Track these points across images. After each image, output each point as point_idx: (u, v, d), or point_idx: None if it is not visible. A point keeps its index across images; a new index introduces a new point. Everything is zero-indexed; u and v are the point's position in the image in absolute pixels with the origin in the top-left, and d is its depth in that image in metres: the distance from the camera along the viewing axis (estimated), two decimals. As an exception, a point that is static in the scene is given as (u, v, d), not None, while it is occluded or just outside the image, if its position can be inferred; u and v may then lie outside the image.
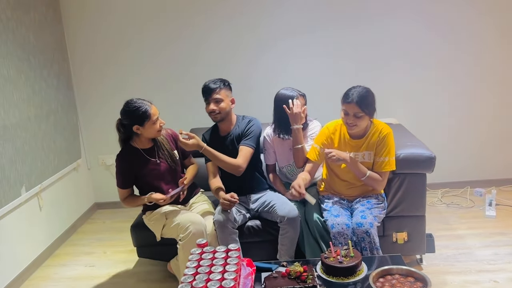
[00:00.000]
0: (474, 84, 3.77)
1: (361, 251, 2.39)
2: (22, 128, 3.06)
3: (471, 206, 3.61)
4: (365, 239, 2.37)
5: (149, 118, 2.52)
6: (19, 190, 2.99)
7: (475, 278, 2.62)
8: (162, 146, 2.71)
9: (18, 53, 3.06)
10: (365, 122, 2.45)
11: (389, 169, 2.50)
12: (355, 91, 2.40)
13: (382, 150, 2.48)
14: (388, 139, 2.48)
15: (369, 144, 2.51)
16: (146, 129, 2.56)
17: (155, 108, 2.58)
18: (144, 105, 2.53)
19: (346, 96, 2.42)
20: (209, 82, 2.67)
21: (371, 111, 2.43)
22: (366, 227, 2.36)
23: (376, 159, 2.50)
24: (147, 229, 2.70)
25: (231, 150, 2.72)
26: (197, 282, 1.81)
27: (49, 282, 3.00)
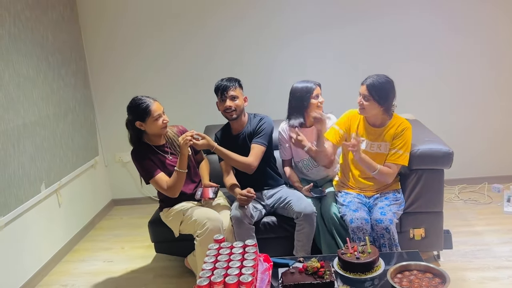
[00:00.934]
0: (491, 79, 3.72)
1: (379, 247, 2.39)
2: (41, 126, 3.11)
3: (489, 202, 3.57)
4: (385, 235, 2.37)
5: (150, 115, 2.52)
6: (39, 187, 3.05)
7: (494, 275, 2.60)
8: (174, 143, 2.73)
9: (37, 53, 3.12)
10: (373, 108, 2.48)
11: (401, 162, 2.51)
12: (373, 75, 2.49)
13: (399, 142, 2.50)
14: (406, 133, 2.50)
15: (386, 135, 2.54)
16: (148, 125, 2.56)
17: (158, 105, 2.57)
18: (145, 102, 2.53)
19: (364, 80, 2.51)
20: (223, 80, 2.69)
21: (381, 99, 2.45)
22: (386, 223, 2.36)
23: (391, 150, 2.52)
24: (164, 225, 2.73)
25: (243, 149, 2.73)
26: (215, 276, 1.83)
27: (69, 277, 3.06)
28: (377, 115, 2.53)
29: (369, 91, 2.44)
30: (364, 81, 2.49)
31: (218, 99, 2.71)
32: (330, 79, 3.71)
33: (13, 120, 2.81)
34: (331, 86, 3.59)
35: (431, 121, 3.50)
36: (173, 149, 2.72)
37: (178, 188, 2.57)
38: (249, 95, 2.79)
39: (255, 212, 2.65)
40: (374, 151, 2.57)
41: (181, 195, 2.67)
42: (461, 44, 3.66)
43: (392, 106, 2.54)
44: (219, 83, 2.70)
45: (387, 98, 2.48)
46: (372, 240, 2.40)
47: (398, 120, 2.56)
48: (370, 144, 2.57)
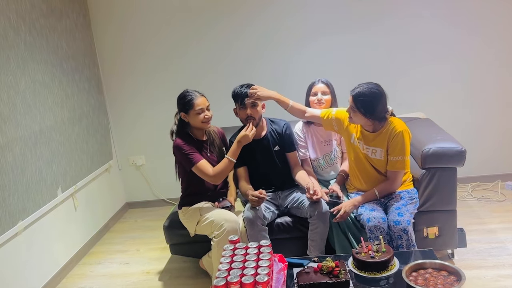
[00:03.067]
0: (503, 77, 3.70)
1: (397, 248, 2.38)
2: (57, 131, 3.17)
3: (503, 200, 3.55)
4: (403, 237, 2.36)
5: (192, 108, 2.60)
6: (55, 191, 3.11)
7: (509, 272, 2.59)
8: (215, 141, 2.80)
9: (51, 59, 3.18)
10: (359, 119, 2.46)
11: (399, 168, 2.49)
12: (363, 84, 2.43)
13: (395, 149, 2.46)
14: (400, 138, 2.44)
15: (379, 141, 2.50)
16: (191, 118, 2.64)
17: (203, 100, 2.64)
18: (191, 95, 2.63)
19: (354, 87, 2.46)
20: (242, 87, 2.70)
21: (367, 112, 2.41)
22: (404, 225, 2.35)
23: (390, 158, 2.50)
24: (180, 227, 2.77)
25: (265, 153, 2.79)
26: (231, 277, 1.86)
27: (86, 280, 3.11)
28: (366, 124, 2.50)
29: (355, 103, 2.41)
30: (352, 91, 2.44)
31: (237, 106, 2.73)
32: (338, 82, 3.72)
33: (30, 126, 2.87)
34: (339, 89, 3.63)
35: (443, 119, 3.50)
36: (212, 148, 2.78)
37: (223, 175, 2.65)
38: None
39: (268, 213, 2.67)
40: (370, 155, 2.56)
41: (202, 194, 2.73)
42: (474, 43, 3.65)
43: (385, 113, 2.47)
44: (238, 90, 2.70)
45: (373, 111, 2.41)
46: (389, 240, 2.41)
47: (391, 125, 2.48)
48: (365, 148, 2.57)
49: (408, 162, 2.53)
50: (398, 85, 3.77)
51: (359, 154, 2.61)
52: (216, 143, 2.81)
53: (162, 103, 3.96)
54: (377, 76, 3.48)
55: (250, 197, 2.59)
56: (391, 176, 2.54)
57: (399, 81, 3.76)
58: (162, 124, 4.02)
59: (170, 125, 2.75)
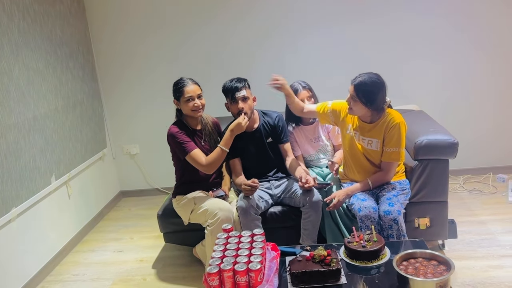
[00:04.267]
0: (496, 70, 3.72)
1: (387, 237, 2.41)
2: (50, 119, 3.16)
3: (494, 192, 3.60)
4: (393, 226, 2.39)
5: (182, 95, 2.62)
6: (49, 178, 3.10)
7: (498, 263, 2.63)
8: (211, 133, 2.81)
9: (45, 46, 3.16)
10: (360, 109, 2.44)
11: (394, 160, 2.51)
12: (364, 74, 2.42)
13: (391, 140, 2.47)
14: (396, 129, 2.46)
15: (376, 132, 2.51)
16: (182, 105, 2.66)
17: (195, 88, 2.64)
18: (183, 82, 2.65)
19: (355, 77, 2.45)
20: (232, 81, 2.69)
21: (368, 101, 2.40)
22: (394, 215, 2.38)
23: (385, 149, 2.51)
24: (174, 215, 2.78)
25: (259, 146, 2.81)
26: (224, 264, 1.88)
27: (80, 267, 3.12)
28: (366, 114, 2.50)
29: (356, 92, 2.40)
30: (353, 80, 2.43)
31: (228, 100, 2.72)
32: (334, 75, 3.74)
33: (24, 113, 2.86)
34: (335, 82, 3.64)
35: (437, 112, 3.53)
36: (207, 137, 2.78)
37: (216, 165, 2.65)
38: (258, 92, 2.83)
39: (262, 202, 2.68)
40: (366, 146, 2.57)
41: (196, 183, 2.74)
42: (468, 36, 3.66)
43: (384, 104, 2.48)
44: (228, 84, 2.69)
45: (374, 100, 2.41)
46: (380, 229, 2.44)
47: (388, 116, 2.49)
48: (361, 139, 2.57)
49: (403, 153, 2.55)
50: (392, 77, 3.69)
51: (354, 145, 2.62)
52: (211, 133, 2.81)
53: (157, 92, 3.95)
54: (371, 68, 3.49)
55: (243, 186, 2.61)
56: (385, 167, 2.55)
57: (393, 73, 3.75)
58: (157, 113, 4.04)
59: (165, 114, 2.77)
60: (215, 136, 2.82)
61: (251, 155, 2.82)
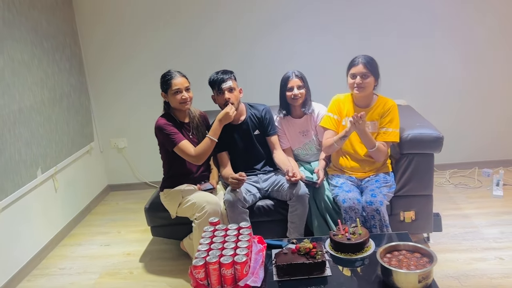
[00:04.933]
0: (484, 66, 3.76)
1: (370, 228, 2.45)
2: (36, 112, 3.13)
3: (479, 186, 3.64)
4: (375, 217, 2.43)
5: (170, 87, 2.60)
6: (35, 172, 3.08)
7: (481, 256, 2.67)
8: (199, 127, 2.79)
9: (31, 37, 3.12)
10: (371, 84, 2.58)
11: (392, 139, 2.60)
12: (361, 56, 2.59)
13: (387, 120, 2.59)
14: (392, 111, 2.60)
15: (373, 115, 2.63)
16: (169, 98, 2.65)
17: (183, 81, 2.63)
18: (171, 74, 2.63)
19: (353, 61, 2.60)
20: (218, 73, 2.69)
21: (376, 73, 2.58)
22: (376, 205, 2.42)
23: (381, 129, 2.61)
24: (161, 209, 2.77)
25: (246, 138, 2.81)
26: (210, 257, 1.89)
27: (66, 260, 3.11)
28: (371, 91, 2.63)
29: (367, 67, 2.54)
30: (355, 62, 2.57)
31: (214, 92, 2.72)
32: (323, 63, 3.75)
33: (9, 106, 2.82)
34: (324, 70, 3.65)
35: (423, 107, 3.56)
36: (195, 131, 2.77)
37: (205, 155, 2.63)
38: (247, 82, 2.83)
39: (249, 196, 2.69)
40: None
41: (184, 176, 2.73)
42: (456, 30, 3.69)
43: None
44: (214, 76, 2.70)
45: (378, 72, 2.61)
46: (363, 221, 2.47)
47: (383, 99, 2.66)
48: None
49: (398, 134, 2.62)
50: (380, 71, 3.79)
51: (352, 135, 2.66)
52: (199, 126, 2.80)
53: (145, 84, 3.93)
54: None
55: (230, 179, 2.62)
56: (380, 147, 2.56)
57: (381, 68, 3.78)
58: (145, 106, 4.01)
59: (153, 107, 2.74)
60: (202, 129, 2.81)
61: (238, 148, 2.82)
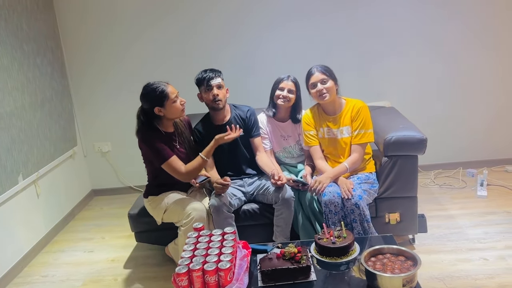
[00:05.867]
0: (465, 68, 3.79)
1: (351, 223, 2.46)
2: (17, 117, 3.07)
3: (463, 186, 3.67)
4: (355, 211, 2.45)
5: (168, 97, 2.49)
6: (16, 178, 3.02)
7: (466, 257, 2.69)
8: (183, 133, 2.72)
9: (11, 41, 3.06)
10: (333, 88, 2.61)
11: (366, 140, 2.63)
12: (314, 66, 2.66)
13: (358, 123, 2.62)
14: (362, 112, 2.62)
15: (345, 120, 2.66)
16: (168, 109, 2.52)
17: (173, 87, 2.54)
18: (160, 85, 2.50)
19: (308, 73, 2.66)
20: (206, 71, 2.67)
21: (333, 77, 2.63)
22: (355, 199, 2.45)
23: (353, 132, 2.64)
24: (145, 215, 2.74)
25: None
26: (194, 264, 1.86)
27: (49, 268, 3.05)
28: (335, 98, 2.65)
29: (323, 73, 2.59)
30: (312, 71, 2.63)
31: (202, 89, 2.69)
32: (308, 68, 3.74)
33: (-12, 111, 2.77)
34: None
35: (408, 108, 3.57)
36: (181, 139, 2.69)
37: (196, 173, 2.59)
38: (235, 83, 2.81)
39: (234, 200, 2.67)
40: (340, 137, 2.67)
41: (171, 185, 2.67)
42: (438, 31, 3.71)
43: None
44: (202, 74, 2.67)
45: (335, 76, 2.65)
46: (343, 215, 2.49)
47: (351, 102, 2.68)
48: (334, 132, 2.69)
49: (372, 134, 2.65)
50: (364, 74, 3.82)
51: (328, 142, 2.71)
52: (185, 134, 2.74)
53: (129, 87, 3.88)
54: (344, 65, 3.51)
55: (214, 184, 2.59)
56: (357, 149, 2.63)
57: (364, 70, 3.81)
58: (129, 109, 3.90)
59: (137, 110, 2.65)
60: (187, 134, 2.76)
61: (223, 149, 2.77)
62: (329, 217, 2.48)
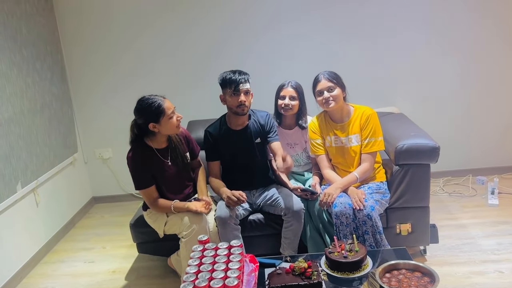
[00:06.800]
0: (476, 74, 3.70)
1: (362, 235, 2.37)
2: (15, 123, 2.98)
3: (474, 194, 3.58)
4: (367, 222, 2.36)
5: (164, 113, 2.36)
6: (14, 186, 2.93)
7: (480, 269, 2.59)
8: (177, 148, 2.57)
9: (9, 46, 2.98)
10: (340, 96, 2.52)
11: (377, 149, 2.55)
12: (322, 72, 2.57)
13: (367, 132, 2.54)
14: (371, 120, 2.55)
15: (354, 128, 2.57)
16: (163, 126, 2.40)
17: (169, 102, 2.42)
18: (156, 100, 2.36)
19: (315, 80, 2.58)
20: (234, 73, 2.50)
21: (341, 84, 2.55)
22: (367, 210, 2.36)
23: (363, 141, 2.55)
24: (147, 225, 2.64)
25: (246, 145, 2.66)
26: (199, 280, 1.77)
27: (48, 280, 2.96)
28: (342, 105, 2.57)
29: (330, 81, 2.51)
30: (319, 78, 2.55)
31: (227, 92, 2.51)
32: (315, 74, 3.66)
33: (-15, 118, 2.69)
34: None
35: (416, 114, 3.50)
36: (174, 155, 2.55)
37: (159, 212, 2.54)
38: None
39: (241, 210, 2.58)
40: (348, 145, 2.59)
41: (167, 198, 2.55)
42: (450, 36, 3.62)
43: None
44: (230, 75, 2.49)
45: (343, 82, 2.57)
46: (355, 227, 2.39)
47: (360, 110, 2.60)
48: (342, 140, 2.60)
49: (382, 141, 2.57)
50: (371, 79, 3.73)
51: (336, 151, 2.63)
52: (179, 149, 2.58)
53: (130, 93, 3.75)
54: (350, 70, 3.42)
55: (229, 197, 2.48)
56: (367, 158, 2.55)
57: (373, 75, 3.73)
58: (130, 115, 3.82)
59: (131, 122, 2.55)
60: (181, 149, 2.60)
61: (236, 156, 2.66)
62: (341, 229, 2.39)
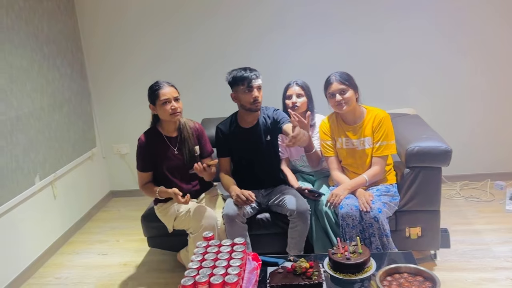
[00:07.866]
0: (495, 75, 3.60)
1: (369, 237, 2.35)
2: (35, 118, 3.08)
3: (491, 200, 3.49)
4: (374, 225, 2.33)
5: (158, 98, 2.48)
6: (33, 179, 3.03)
7: (492, 276, 2.53)
8: (186, 140, 2.63)
9: (31, 43, 3.08)
10: (352, 98, 2.48)
11: (388, 153, 2.52)
12: (333, 73, 2.53)
13: (380, 135, 2.50)
14: (384, 123, 2.50)
15: (366, 130, 2.53)
16: (158, 110, 2.53)
17: (171, 90, 2.49)
18: (158, 85, 2.51)
19: (327, 81, 2.53)
20: (245, 70, 2.51)
21: (353, 85, 2.50)
22: (374, 212, 2.33)
23: (375, 144, 2.52)
24: (157, 219, 2.69)
25: (255, 143, 2.66)
26: (200, 276, 1.80)
27: (63, 270, 3.05)
28: (355, 107, 2.53)
29: (342, 83, 2.47)
30: (331, 80, 2.50)
31: (240, 90, 2.51)
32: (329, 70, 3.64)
33: (5, 113, 2.78)
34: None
35: (433, 116, 3.44)
36: (182, 147, 2.62)
37: (148, 195, 2.66)
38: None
39: (248, 209, 2.58)
40: (360, 148, 2.55)
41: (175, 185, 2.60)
42: (468, 37, 3.54)
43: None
44: (242, 73, 2.50)
45: (355, 84, 2.53)
46: (362, 230, 2.37)
47: (373, 112, 2.56)
48: (354, 143, 2.56)
49: (394, 145, 2.54)
50: (387, 79, 3.68)
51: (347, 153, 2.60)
52: (188, 141, 2.63)
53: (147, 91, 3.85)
54: (366, 70, 3.40)
55: (238, 195, 2.49)
56: (378, 162, 2.51)
57: (388, 75, 3.67)
58: (148, 111, 3.91)
59: None
60: (190, 143, 2.64)
61: (245, 153, 2.67)
62: (346, 231, 2.37)
